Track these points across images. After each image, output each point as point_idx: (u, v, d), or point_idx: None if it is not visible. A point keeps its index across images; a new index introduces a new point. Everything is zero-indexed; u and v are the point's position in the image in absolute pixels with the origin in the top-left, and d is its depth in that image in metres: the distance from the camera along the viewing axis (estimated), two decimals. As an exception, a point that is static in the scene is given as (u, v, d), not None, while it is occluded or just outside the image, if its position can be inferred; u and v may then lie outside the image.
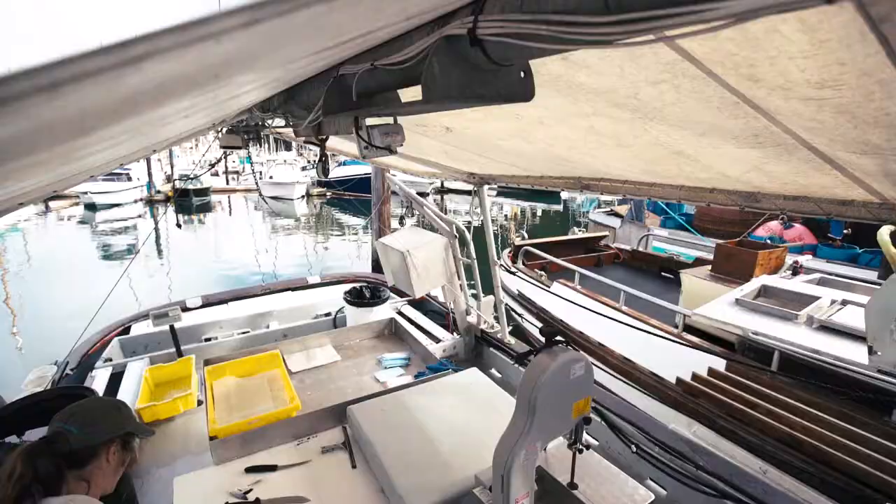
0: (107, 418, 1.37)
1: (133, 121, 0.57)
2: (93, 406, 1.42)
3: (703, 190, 1.97)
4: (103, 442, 1.33)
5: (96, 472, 1.31)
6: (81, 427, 1.29)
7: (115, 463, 1.37)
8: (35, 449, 1.23)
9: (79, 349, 3.63)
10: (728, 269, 5.99)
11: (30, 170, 0.62)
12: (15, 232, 17.41)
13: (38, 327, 8.71)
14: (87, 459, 1.29)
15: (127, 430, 1.41)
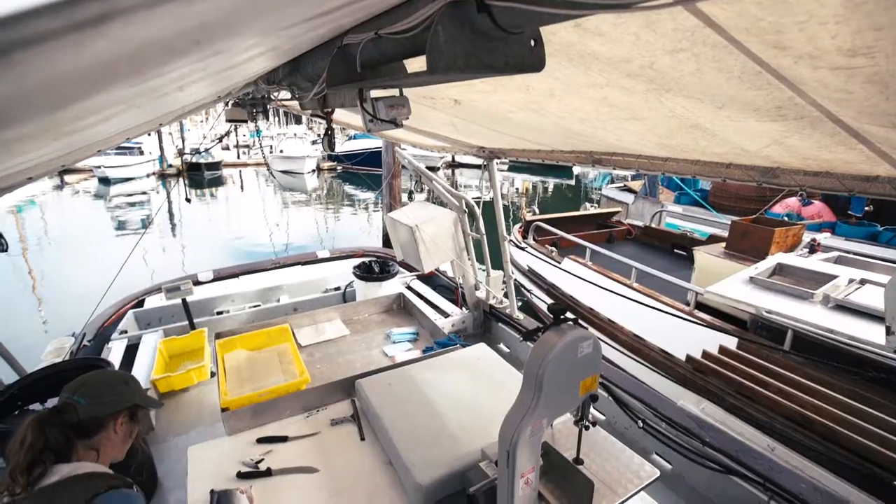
0: (114, 391, 1.39)
1: (120, 91, 0.55)
2: (101, 378, 1.43)
3: (719, 165, 1.91)
4: (110, 413, 1.35)
5: (105, 442, 1.34)
6: (89, 399, 1.31)
7: (123, 434, 1.40)
8: (45, 418, 1.26)
9: (95, 321, 3.71)
10: (743, 246, 5.88)
11: (18, 143, 0.61)
12: (32, 206, 17.69)
13: (56, 299, 8.93)
14: (96, 430, 1.32)
15: (133, 402, 1.42)
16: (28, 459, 1.16)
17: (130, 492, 1.22)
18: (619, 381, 2.85)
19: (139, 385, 1.51)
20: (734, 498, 2.22)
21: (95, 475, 1.22)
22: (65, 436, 1.24)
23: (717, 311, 4.81)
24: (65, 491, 1.15)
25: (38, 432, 1.20)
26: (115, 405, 1.35)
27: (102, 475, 1.24)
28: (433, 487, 1.90)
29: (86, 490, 1.16)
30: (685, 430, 2.44)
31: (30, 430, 1.20)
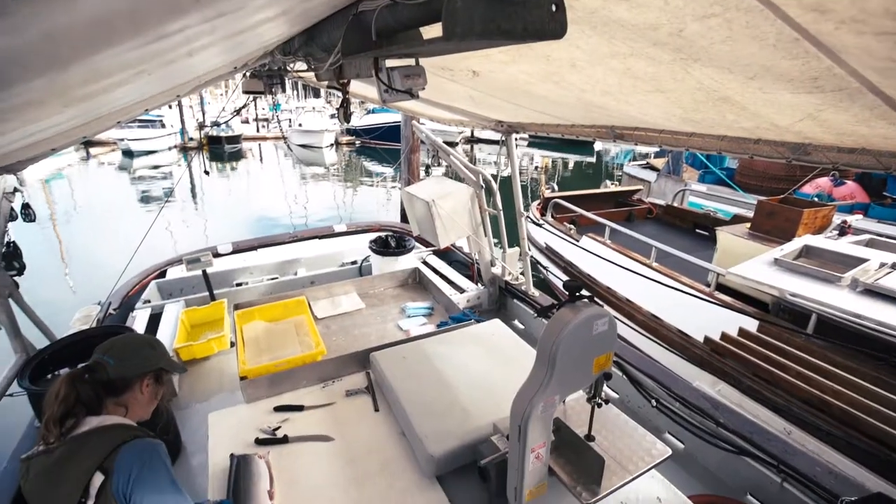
0: (141, 354, 1.46)
1: (123, 53, 0.53)
2: (129, 341, 1.50)
3: (746, 141, 1.83)
4: (137, 375, 1.42)
5: (132, 401, 1.42)
6: (118, 360, 1.39)
7: (149, 394, 1.48)
8: (77, 375, 1.35)
9: (120, 290, 3.82)
10: (769, 227, 5.72)
11: (29, 108, 0.60)
12: (60, 178, 18.14)
13: (83, 268, 9.23)
14: (123, 389, 1.40)
15: (159, 366, 1.50)
16: (61, 411, 1.25)
17: (155, 441, 1.30)
18: (633, 360, 2.83)
19: (165, 349, 1.57)
20: (747, 478, 2.21)
21: (123, 426, 1.31)
22: (95, 392, 1.33)
23: (739, 294, 4.72)
24: (95, 438, 1.24)
25: (70, 387, 1.29)
26: (141, 367, 1.42)
27: (129, 426, 1.33)
28: (445, 459, 1.93)
29: (113, 438, 1.25)
30: (699, 411, 2.42)
31: (63, 385, 1.29)
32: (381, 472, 1.98)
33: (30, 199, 3.05)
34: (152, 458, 1.25)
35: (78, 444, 1.23)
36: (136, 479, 1.19)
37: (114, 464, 1.19)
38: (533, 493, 1.68)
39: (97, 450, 1.22)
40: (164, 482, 1.23)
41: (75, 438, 1.24)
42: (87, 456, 1.21)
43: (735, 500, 2.15)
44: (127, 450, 1.23)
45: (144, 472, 1.20)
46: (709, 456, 2.38)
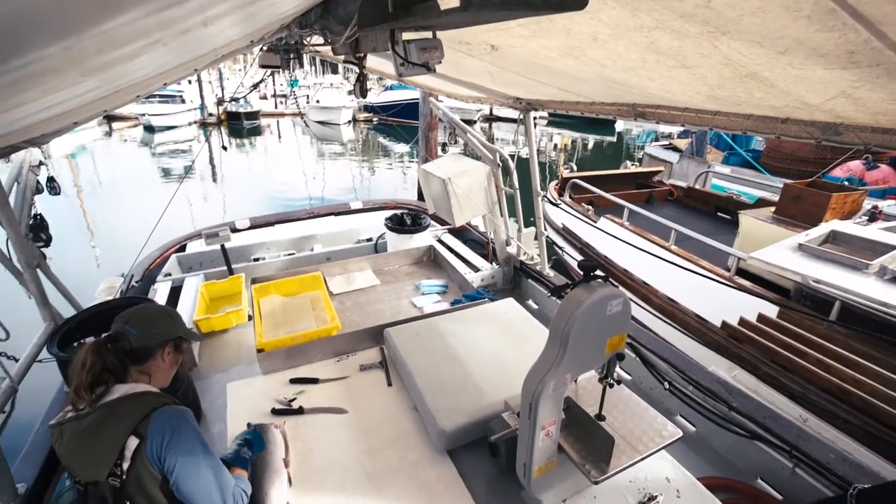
0: (161, 323, 1.51)
1: (136, 20, 0.53)
2: (148, 311, 1.54)
3: (774, 120, 1.76)
4: (158, 343, 1.47)
5: (154, 369, 1.47)
6: (140, 329, 1.43)
7: (170, 362, 1.53)
8: (102, 344, 1.39)
9: (141, 263, 3.92)
10: (794, 211, 5.55)
11: (46, 77, 0.61)
12: (84, 152, 18.50)
13: (107, 240, 9.47)
14: (146, 357, 1.45)
15: (178, 334, 1.55)
16: (90, 379, 1.31)
17: (182, 408, 1.36)
18: (647, 342, 2.82)
19: (182, 319, 1.62)
20: (758, 462, 2.20)
21: (151, 393, 1.37)
22: (119, 360, 1.38)
23: (759, 279, 4.62)
24: (127, 405, 1.30)
25: (96, 356, 1.34)
26: (161, 336, 1.47)
27: (157, 394, 1.39)
28: (456, 434, 1.96)
29: (145, 405, 1.31)
30: (712, 394, 2.41)
31: (89, 354, 1.34)
32: (393, 445, 2.02)
33: (55, 172, 3.12)
34: (181, 423, 1.31)
35: (110, 410, 1.29)
36: (168, 443, 1.25)
37: (147, 429, 1.26)
38: (542, 470, 1.70)
39: (130, 415, 1.28)
40: (195, 445, 1.30)
41: (107, 405, 1.29)
42: (121, 421, 1.27)
43: (745, 483, 2.15)
44: (158, 415, 1.29)
45: (175, 437, 1.26)
46: (720, 439, 2.37)
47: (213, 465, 1.33)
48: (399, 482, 1.85)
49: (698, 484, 1.83)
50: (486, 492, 1.86)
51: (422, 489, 1.83)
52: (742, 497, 2.11)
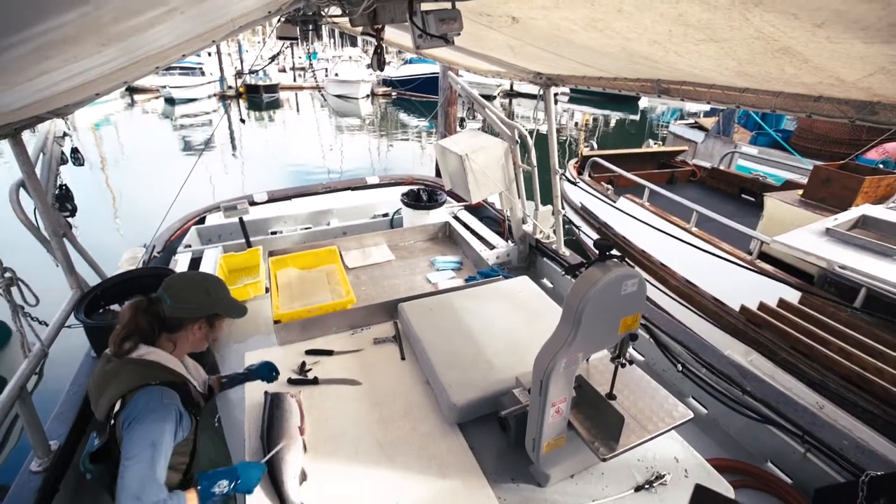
0: (196, 298, 1.48)
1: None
2: (186, 283, 1.50)
3: (806, 98, 1.69)
4: (190, 318, 1.48)
5: (182, 339, 1.50)
6: (174, 301, 1.44)
7: (201, 336, 1.54)
8: (140, 305, 1.45)
9: (162, 235, 4.01)
10: (823, 195, 5.36)
11: (67, 45, 0.61)
12: (108, 123, 18.78)
13: (129, 211, 9.67)
14: (176, 328, 1.47)
15: (213, 311, 1.53)
16: (122, 333, 1.39)
17: (163, 389, 1.35)
18: (662, 323, 2.80)
19: (223, 293, 1.57)
20: (769, 446, 2.19)
21: (157, 367, 1.40)
22: (151, 325, 1.42)
23: (782, 264, 4.52)
24: (132, 369, 1.36)
25: (132, 314, 1.41)
26: (193, 312, 1.47)
27: (158, 368, 1.40)
28: (467, 408, 1.99)
29: (143, 376, 1.35)
30: (726, 378, 2.39)
31: (128, 311, 1.43)
32: (404, 417, 2.06)
33: (80, 143, 3.17)
34: (149, 413, 1.28)
35: (121, 368, 1.36)
36: (132, 421, 1.27)
37: (130, 399, 1.31)
38: (551, 445, 1.72)
39: (128, 380, 1.33)
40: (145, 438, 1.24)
41: (123, 361, 1.36)
42: (120, 382, 1.34)
43: (754, 466, 2.15)
44: (142, 394, 1.31)
45: (136, 423, 1.27)
46: (732, 422, 2.37)
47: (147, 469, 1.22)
48: (410, 452, 1.90)
49: (707, 464, 1.84)
50: (495, 465, 1.90)
51: (432, 460, 1.88)
52: (751, 479, 2.12)
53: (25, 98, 1.23)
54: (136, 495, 1.18)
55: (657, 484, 1.78)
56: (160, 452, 1.25)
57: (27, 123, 2.16)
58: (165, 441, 1.28)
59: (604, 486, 1.81)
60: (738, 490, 2.04)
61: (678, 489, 1.75)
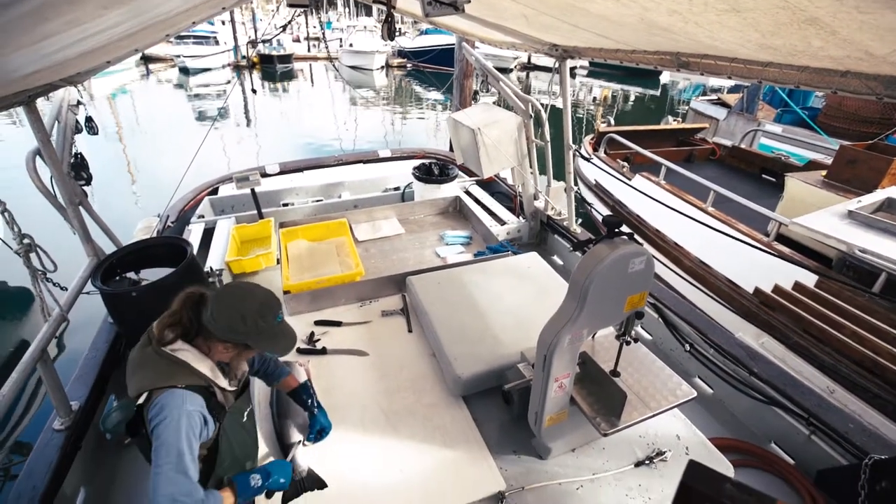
0: (228, 321, 1.37)
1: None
2: (230, 306, 1.39)
3: (832, 73, 1.62)
4: (219, 338, 1.40)
5: (213, 348, 1.43)
6: (215, 313, 1.38)
7: (229, 356, 1.46)
8: (188, 299, 1.42)
9: (176, 205, 4.05)
10: (848, 176, 5.19)
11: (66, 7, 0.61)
12: (124, 93, 18.85)
13: (145, 180, 9.77)
14: (209, 337, 1.41)
15: (243, 342, 1.41)
16: (167, 321, 1.38)
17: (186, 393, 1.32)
18: (671, 303, 2.78)
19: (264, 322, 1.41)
20: (773, 428, 2.19)
21: (182, 365, 1.36)
22: (191, 322, 1.40)
23: (801, 247, 4.42)
24: (163, 365, 1.34)
25: (180, 307, 1.40)
26: (223, 333, 1.38)
27: (186, 369, 1.36)
28: (471, 381, 2.02)
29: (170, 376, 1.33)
30: (733, 358, 2.38)
31: (179, 302, 1.41)
32: (410, 388, 2.10)
33: (96, 113, 3.19)
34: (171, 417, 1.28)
35: (154, 359, 1.35)
36: (157, 425, 1.28)
37: (156, 397, 1.31)
38: (553, 420, 1.74)
39: (154, 376, 1.33)
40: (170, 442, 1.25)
41: (157, 353, 1.35)
42: (148, 375, 1.33)
43: (757, 446, 2.16)
44: (166, 395, 1.30)
45: (160, 424, 1.27)
46: (737, 403, 2.37)
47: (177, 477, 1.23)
48: (415, 422, 1.94)
49: (708, 443, 1.85)
50: (498, 437, 1.93)
51: (436, 430, 1.92)
52: (753, 458, 2.13)
53: (34, 63, 1.23)
54: (171, 498, 1.20)
55: (657, 460, 1.80)
56: (188, 456, 1.26)
57: (41, 91, 2.17)
58: (193, 446, 1.29)
59: (604, 460, 1.83)
60: (739, 469, 2.06)
61: (678, 466, 1.77)
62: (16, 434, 3.86)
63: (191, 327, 1.39)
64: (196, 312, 1.40)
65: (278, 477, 1.47)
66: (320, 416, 1.79)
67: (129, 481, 2.33)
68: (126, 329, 2.73)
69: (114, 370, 2.78)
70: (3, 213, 2.02)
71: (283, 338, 1.45)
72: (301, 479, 1.64)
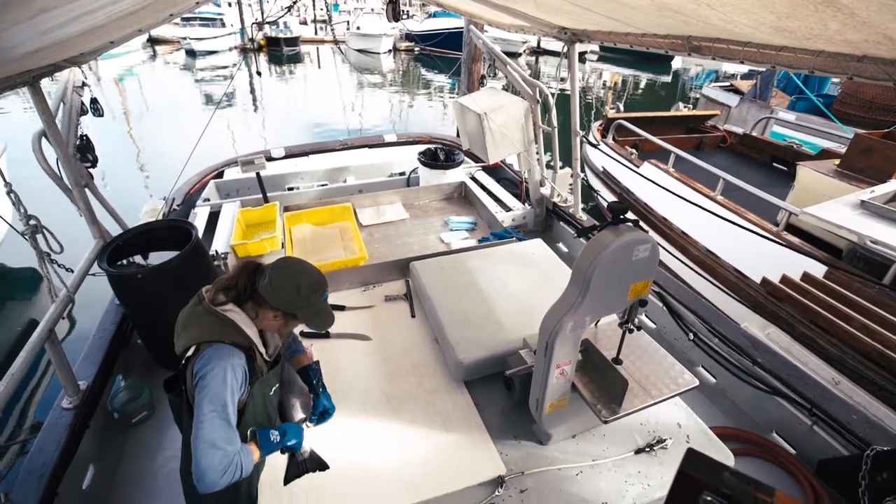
0: (284, 292, 1.45)
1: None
2: (286, 275, 1.48)
3: (848, 58, 1.57)
4: (271, 306, 1.47)
5: (262, 316, 1.50)
6: (270, 282, 1.46)
7: (276, 325, 1.53)
8: (246, 268, 1.50)
9: (182, 188, 4.06)
10: (862, 165, 5.08)
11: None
12: (131, 75, 18.82)
13: (151, 162, 9.79)
14: (261, 304, 1.48)
15: (292, 312, 1.49)
16: (222, 284, 1.46)
17: (232, 349, 1.39)
18: (676, 292, 2.76)
19: (316, 299, 1.50)
20: (775, 418, 2.19)
21: (230, 324, 1.42)
22: (246, 288, 1.47)
23: (811, 237, 4.36)
24: (212, 322, 1.41)
25: (238, 273, 1.48)
26: (275, 300, 1.45)
27: (233, 328, 1.43)
28: (473, 366, 2.03)
29: (219, 333, 1.40)
30: (737, 348, 2.36)
31: (237, 269, 1.50)
32: (412, 372, 2.11)
33: (103, 95, 3.18)
34: (215, 371, 1.34)
35: (204, 316, 1.42)
36: (202, 377, 1.34)
37: (202, 350, 1.37)
38: (554, 406, 1.75)
39: (205, 331, 1.39)
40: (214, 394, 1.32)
41: (207, 310, 1.42)
42: (198, 330, 1.40)
43: (758, 435, 2.15)
44: (213, 350, 1.37)
45: (203, 379, 1.34)
46: (740, 393, 2.36)
47: (220, 425, 1.31)
48: (416, 407, 1.95)
49: (709, 431, 1.85)
50: (499, 422, 1.94)
51: (437, 415, 1.93)
52: (754, 447, 2.13)
53: (34, 40, 1.22)
54: (212, 443, 1.28)
55: (658, 448, 1.80)
56: (231, 406, 1.34)
57: (45, 71, 2.16)
58: (235, 399, 1.37)
59: (605, 446, 1.84)
60: (740, 458, 2.06)
61: (678, 454, 1.76)
62: (28, 415, 3.94)
63: (244, 292, 1.46)
64: (252, 280, 1.48)
65: (292, 437, 1.56)
66: (324, 397, 1.81)
67: (137, 460, 2.37)
68: (132, 311, 2.76)
69: (121, 350, 2.82)
70: (10, 194, 2.02)
71: (327, 314, 1.55)
72: (303, 460, 1.66)
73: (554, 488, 1.69)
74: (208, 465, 1.27)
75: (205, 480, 1.27)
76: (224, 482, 1.30)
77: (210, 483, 1.27)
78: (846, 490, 1.85)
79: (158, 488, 2.23)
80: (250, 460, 1.39)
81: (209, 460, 1.27)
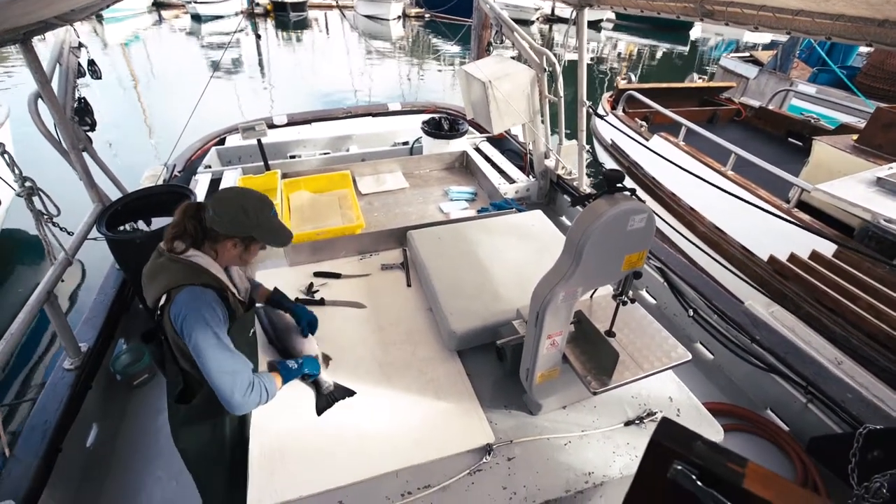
0: (232, 216, 1.44)
1: None
2: (229, 200, 1.46)
3: (869, 22, 1.48)
4: (224, 234, 1.47)
5: (221, 251, 1.52)
6: (215, 213, 1.45)
7: (236, 254, 1.53)
8: (189, 210, 1.49)
9: (184, 154, 4.03)
10: (882, 141, 4.90)
11: None
12: (137, 40, 18.57)
13: (155, 127, 9.74)
14: (215, 239, 1.49)
15: (247, 234, 1.48)
16: (172, 233, 1.46)
17: (204, 290, 1.41)
18: (678, 267, 2.72)
19: (265, 216, 1.50)
20: (771, 395, 2.18)
21: (196, 268, 1.45)
22: (196, 230, 1.47)
23: (823, 215, 4.25)
24: (176, 268, 1.43)
25: (181, 217, 1.47)
26: (227, 228, 1.45)
27: (200, 270, 1.45)
28: (466, 336, 2.02)
29: (186, 276, 1.41)
30: (736, 325, 2.34)
31: (178, 214, 1.48)
32: (406, 341, 2.11)
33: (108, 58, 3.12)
34: (192, 310, 1.37)
35: (169, 265, 1.43)
36: (183, 322, 1.36)
37: (175, 295, 1.38)
38: (544, 377, 1.74)
39: (172, 278, 1.41)
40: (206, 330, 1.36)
41: (171, 259, 1.44)
42: (166, 278, 1.41)
43: (751, 411, 2.15)
44: (184, 293, 1.38)
45: (187, 321, 1.36)
46: (736, 369, 2.35)
47: (223, 355, 1.37)
48: (408, 375, 1.96)
49: (700, 406, 1.84)
50: (491, 392, 1.95)
51: (429, 383, 1.94)
52: (746, 423, 2.12)
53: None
54: (224, 371, 1.36)
55: (647, 420, 1.80)
56: (224, 337, 1.41)
57: (35, 29, 2.11)
58: (223, 333, 1.42)
59: (595, 418, 1.84)
60: (731, 433, 2.06)
61: (668, 426, 1.77)
62: (35, 378, 4.03)
63: (196, 234, 1.46)
64: (198, 219, 1.47)
65: (307, 365, 1.71)
66: (299, 309, 1.92)
67: (140, 420, 2.44)
68: (132, 276, 2.78)
69: (123, 314, 2.86)
70: (3, 154, 2.01)
71: (282, 230, 1.57)
72: (331, 392, 1.79)
73: (541, 456, 1.71)
74: (231, 389, 1.36)
75: (232, 404, 1.37)
76: (252, 402, 1.41)
77: (238, 405, 1.38)
78: (836, 467, 1.85)
79: (160, 447, 2.29)
80: (273, 385, 1.51)
81: (230, 385, 1.36)
